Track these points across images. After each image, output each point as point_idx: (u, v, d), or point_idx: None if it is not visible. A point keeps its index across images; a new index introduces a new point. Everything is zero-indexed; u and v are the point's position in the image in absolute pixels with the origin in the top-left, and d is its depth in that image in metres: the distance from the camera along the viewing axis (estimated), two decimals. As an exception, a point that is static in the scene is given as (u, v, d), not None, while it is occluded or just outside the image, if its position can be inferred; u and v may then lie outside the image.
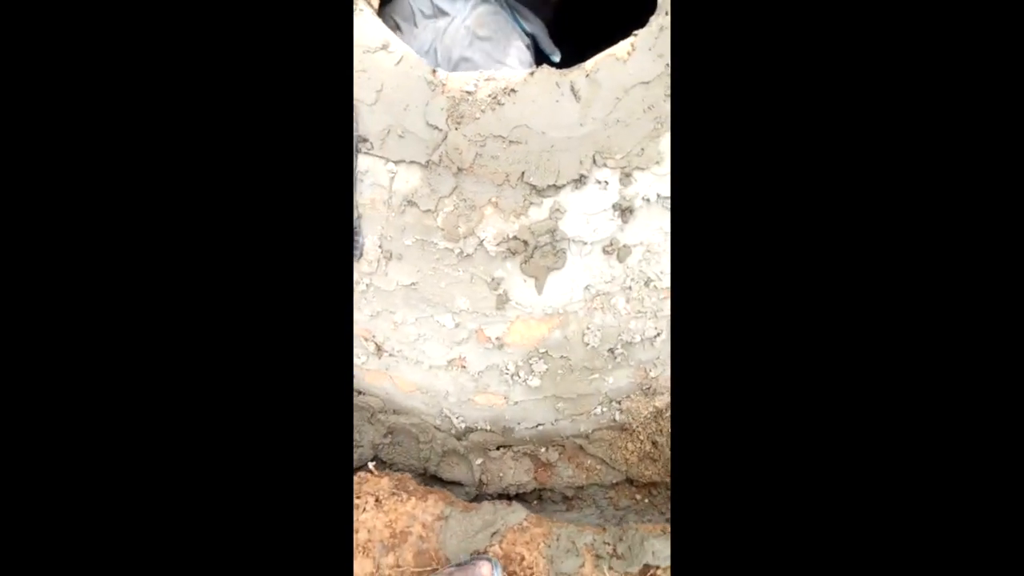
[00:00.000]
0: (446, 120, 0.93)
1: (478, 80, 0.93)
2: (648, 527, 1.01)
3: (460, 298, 1.02)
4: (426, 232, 0.99)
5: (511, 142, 0.92)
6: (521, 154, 0.93)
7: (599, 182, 0.93)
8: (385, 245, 1.02)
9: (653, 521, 1.08)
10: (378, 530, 1.01)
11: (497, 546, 0.99)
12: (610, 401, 1.10)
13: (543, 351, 1.04)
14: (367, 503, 1.04)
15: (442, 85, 0.93)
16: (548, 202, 0.94)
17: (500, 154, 0.93)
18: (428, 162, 0.95)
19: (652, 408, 1.08)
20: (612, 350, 1.04)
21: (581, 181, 0.92)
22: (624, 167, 0.92)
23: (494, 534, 1.01)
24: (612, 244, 0.96)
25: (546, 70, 0.92)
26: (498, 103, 0.92)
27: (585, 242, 0.96)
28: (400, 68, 0.95)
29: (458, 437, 1.16)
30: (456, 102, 0.93)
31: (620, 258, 0.97)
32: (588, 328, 1.02)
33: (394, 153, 0.97)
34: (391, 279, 1.03)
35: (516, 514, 1.04)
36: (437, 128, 0.94)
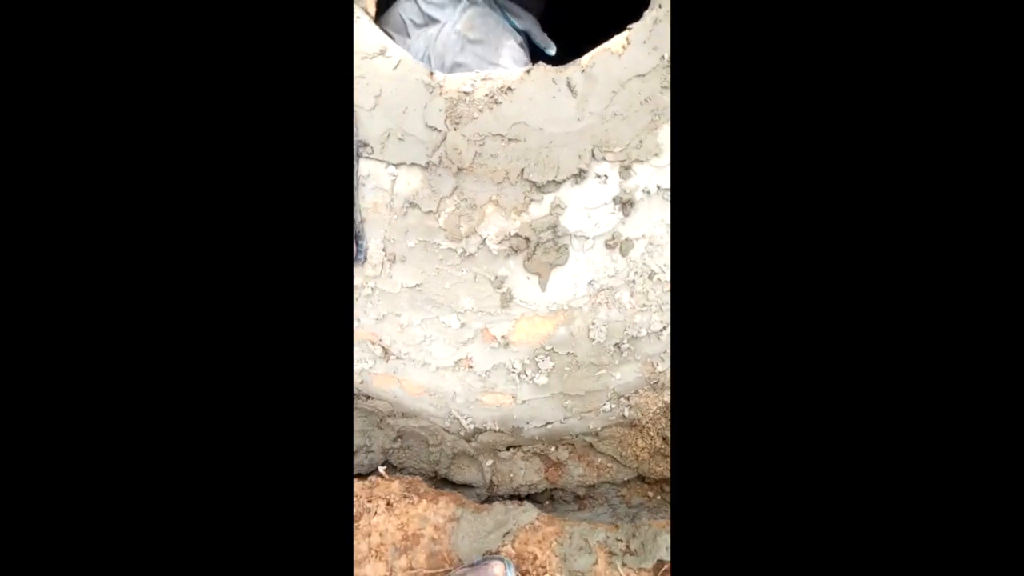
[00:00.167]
0: (445, 121, 0.94)
1: (475, 80, 0.94)
2: (661, 523, 1.00)
3: (464, 298, 1.02)
4: (428, 233, 0.99)
5: (510, 140, 0.93)
6: (520, 151, 0.93)
7: (599, 176, 0.93)
8: (388, 248, 1.02)
9: (666, 517, 1.07)
10: (390, 533, 1.00)
11: (509, 546, 0.99)
12: (618, 397, 1.09)
13: (549, 348, 1.04)
14: (378, 507, 1.04)
15: (439, 87, 0.94)
16: (548, 198, 0.94)
17: (499, 152, 0.94)
18: (428, 163, 0.96)
19: (661, 403, 1.07)
20: (618, 345, 1.03)
21: (581, 176, 0.93)
22: (623, 160, 0.92)
23: (506, 534, 1.00)
24: (614, 238, 0.96)
25: (542, 67, 0.93)
26: (495, 102, 0.93)
27: (587, 237, 0.96)
28: (398, 72, 0.96)
29: (467, 439, 1.16)
30: (454, 103, 0.94)
31: (623, 252, 0.97)
32: (593, 323, 1.02)
33: (394, 156, 0.98)
34: (395, 281, 1.04)
35: (528, 513, 1.04)
36: (436, 129, 0.94)
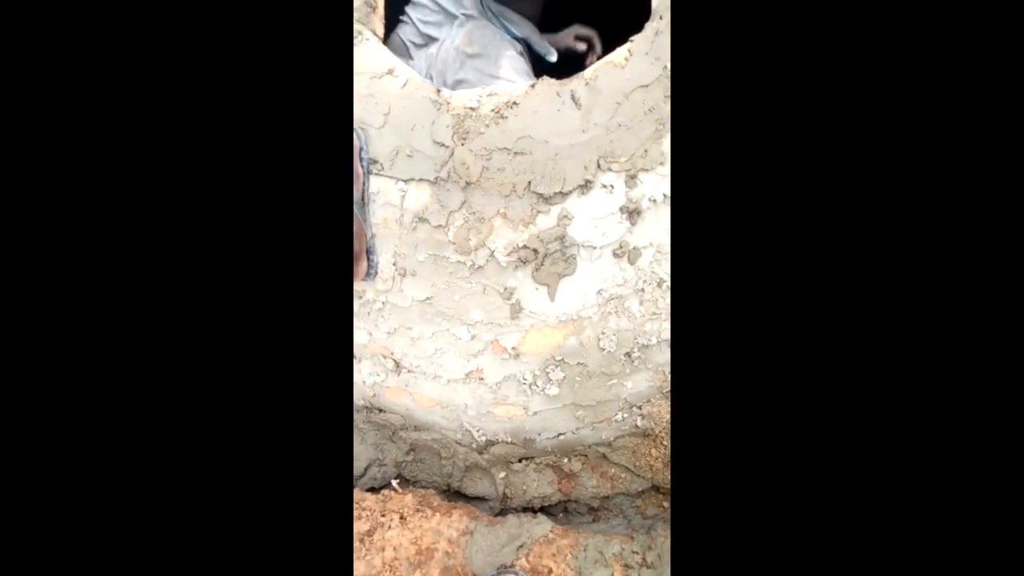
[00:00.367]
0: (452, 137, 0.96)
1: (481, 96, 0.96)
2: (678, 534, 0.99)
3: (474, 310, 1.03)
4: (438, 247, 1.01)
5: (516, 153, 0.94)
6: (526, 164, 0.94)
7: (605, 186, 0.94)
8: (399, 262, 1.04)
9: (683, 528, 1.06)
10: (404, 547, 1.00)
11: (524, 559, 0.98)
12: (630, 407, 1.08)
13: (559, 359, 1.04)
14: (392, 521, 1.04)
15: (446, 104, 0.96)
16: (555, 209, 0.95)
17: (506, 166, 0.95)
18: (437, 179, 0.98)
19: (674, 412, 1.06)
20: (629, 354, 1.03)
21: (587, 186, 0.94)
22: (629, 170, 0.93)
23: (520, 547, 1.00)
24: (622, 247, 0.97)
25: (546, 81, 0.95)
26: (501, 117, 0.94)
27: (595, 246, 0.96)
28: (406, 91, 0.98)
29: (480, 451, 1.15)
30: (461, 119, 0.95)
31: (631, 260, 0.97)
32: (603, 333, 1.02)
33: (404, 172, 0.99)
34: (406, 295, 1.05)
35: (542, 526, 1.03)
36: (444, 145, 0.96)
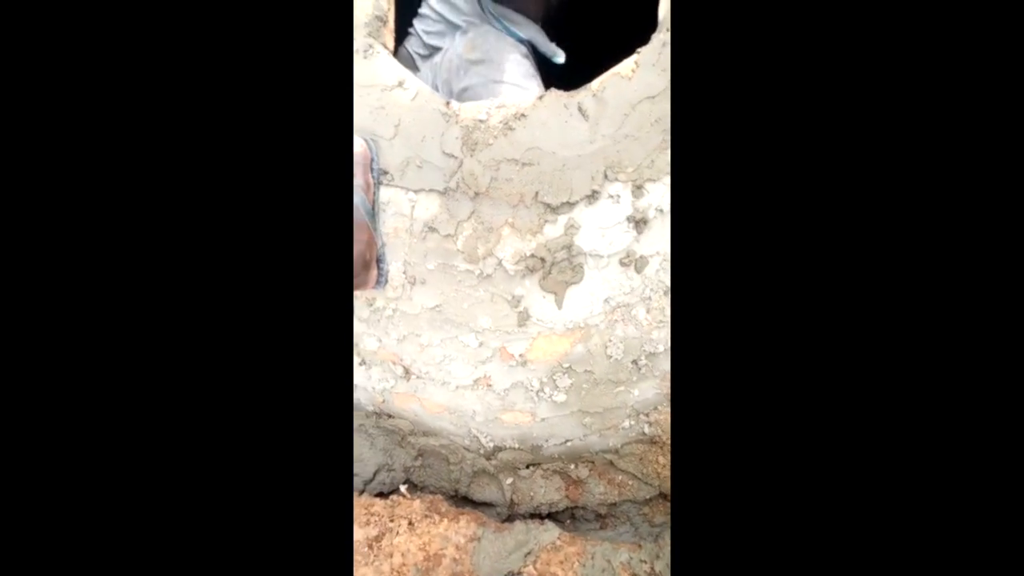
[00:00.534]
0: (461, 148, 0.98)
1: (489, 108, 0.97)
2: (685, 542, 0.99)
3: (482, 317, 1.04)
4: (447, 256, 1.02)
5: (524, 164, 0.96)
6: (534, 175, 0.96)
7: (612, 196, 0.95)
8: (409, 271, 1.05)
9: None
10: (412, 553, 1.01)
11: (531, 567, 0.99)
12: (637, 414, 1.09)
13: (567, 366, 1.05)
14: (400, 526, 1.05)
15: (456, 116, 0.98)
16: (563, 219, 0.97)
17: (514, 176, 0.97)
18: (446, 189, 0.99)
19: (681, 420, 1.07)
20: (636, 361, 1.04)
21: (594, 196, 0.95)
22: (635, 180, 0.94)
23: (527, 554, 1.00)
24: (628, 256, 0.98)
25: (554, 93, 0.96)
26: (510, 128, 0.96)
27: (601, 255, 0.98)
28: (416, 103, 1.00)
29: (487, 457, 1.16)
30: (470, 131, 0.97)
31: (638, 269, 0.98)
32: (610, 340, 1.03)
33: (414, 183, 1.01)
34: (416, 303, 1.07)
35: (549, 533, 1.03)
36: (453, 156, 0.98)
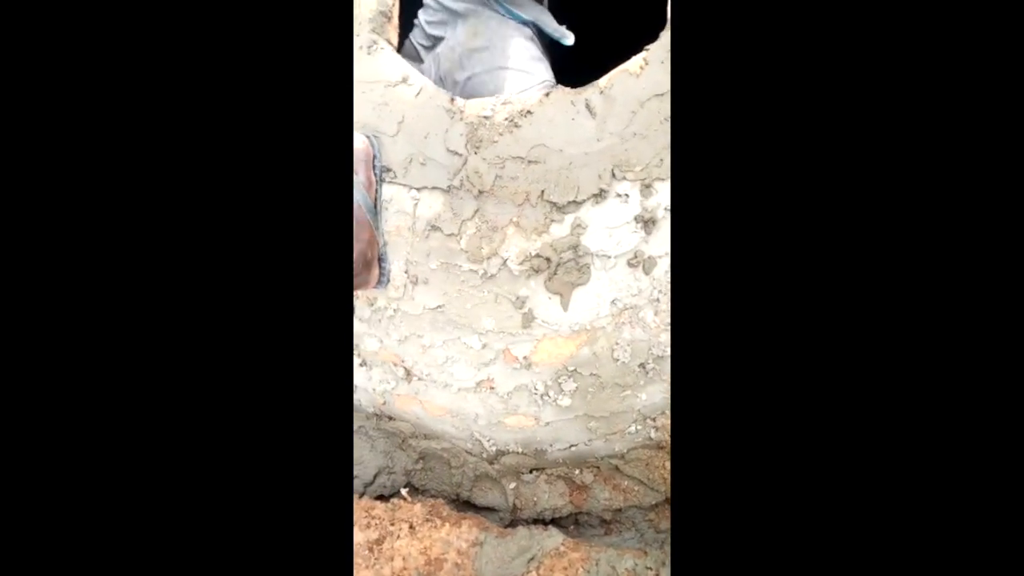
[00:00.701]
0: (465, 145, 0.96)
1: (495, 105, 0.95)
2: (691, 550, 0.97)
3: (486, 318, 1.02)
4: (450, 255, 1.00)
5: (530, 162, 0.94)
6: (540, 173, 0.94)
7: (619, 195, 0.93)
8: (411, 270, 1.04)
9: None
10: (413, 557, 0.99)
11: (534, 572, 0.97)
12: (644, 418, 1.07)
13: (572, 369, 1.03)
14: (401, 530, 1.03)
15: (460, 112, 0.96)
16: (569, 218, 0.94)
17: (519, 174, 0.94)
18: (450, 187, 0.97)
19: (688, 424, 1.05)
20: (643, 365, 1.02)
21: (601, 195, 0.93)
22: (644, 179, 0.92)
23: (531, 560, 0.98)
24: (636, 257, 0.95)
25: (560, 90, 0.94)
26: (515, 125, 0.94)
27: (609, 256, 0.95)
28: (420, 99, 0.99)
29: (490, 461, 1.14)
30: (474, 127, 0.95)
31: (646, 270, 0.96)
32: (617, 343, 1.01)
33: (417, 180, 0.99)
34: (418, 303, 1.05)
35: (553, 539, 1.02)
36: (457, 154, 0.96)
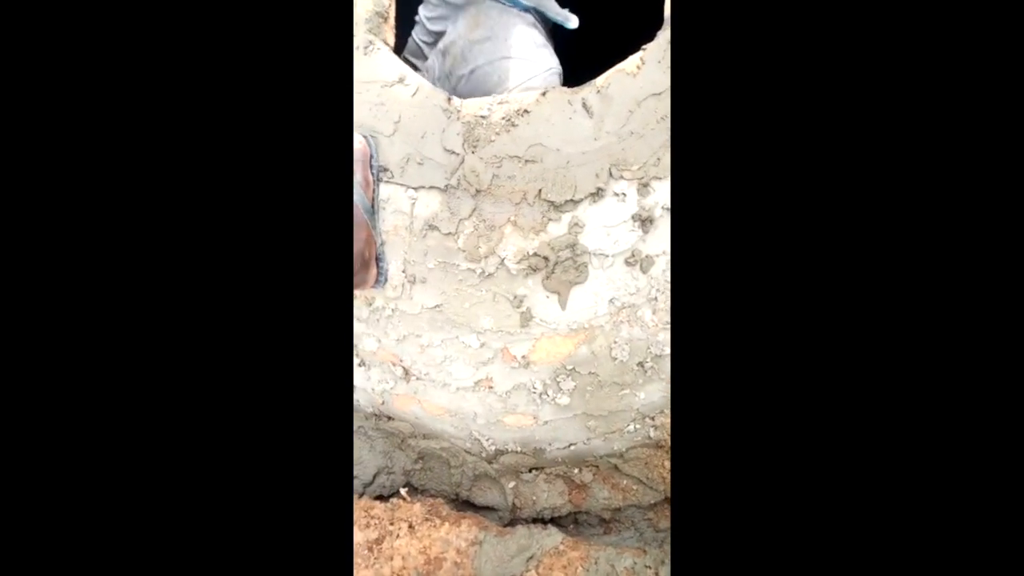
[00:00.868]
0: (462, 145, 0.96)
1: (491, 104, 0.95)
2: (690, 548, 0.97)
3: (484, 318, 1.02)
4: (448, 254, 1.00)
5: (527, 161, 0.94)
6: (537, 172, 0.94)
7: (617, 194, 0.93)
8: (409, 270, 1.04)
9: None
10: (412, 556, 0.99)
11: (533, 571, 0.97)
12: (643, 417, 1.07)
13: (570, 368, 1.03)
14: (400, 529, 1.03)
15: (457, 111, 0.96)
16: (566, 217, 0.94)
17: (516, 173, 0.94)
18: (447, 186, 0.97)
19: (687, 423, 1.05)
20: (642, 364, 1.02)
21: (598, 194, 0.93)
22: (641, 178, 0.92)
23: (530, 559, 0.98)
24: (634, 255, 0.95)
25: (558, 90, 0.94)
26: (512, 124, 0.94)
27: (606, 254, 0.95)
28: (416, 99, 0.99)
29: (489, 460, 1.14)
30: (471, 127, 0.95)
31: (643, 269, 0.96)
32: (615, 342, 1.00)
33: (414, 180, 0.99)
34: (416, 302, 1.05)
35: (552, 537, 1.02)
36: (454, 153, 0.96)
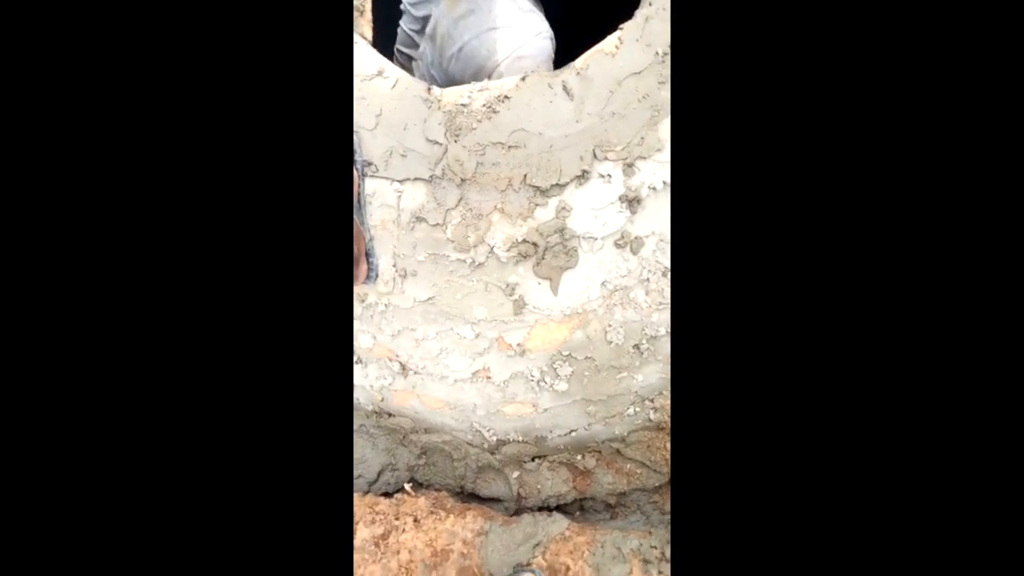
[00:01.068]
0: (445, 134, 0.95)
1: (471, 92, 0.95)
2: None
3: (477, 308, 1.02)
4: (437, 246, 1.00)
5: (510, 147, 0.93)
6: (521, 157, 0.93)
7: (602, 176, 0.92)
8: (399, 263, 1.03)
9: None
10: (419, 550, 0.99)
11: (541, 557, 0.97)
12: (642, 400, 1.06)
13: (566, 353, 1.02)
14: (406, 524, 1.03)
15: (438, 101, 0.95)
16: (553, 202, 0.94)
17: (500, 160, 0.94)
18: (432, 177, 0.97)
19: (687, 403, 1.04)
20: (637, 346, 1.01)
21: (584, 177, 0.92)
22: (625, 158, 0.91)
23: (536, 545, 0.98)
24: (623, 237, 0.95)
25: (537, 74, 0.93)
26: (493, 111, 0.93)
27: (595, 237, 0.95)
28: (396, 91, 0.98)
29: (491, 451, 1.14)
30: (452, 116, 0.95)
31: (633, 250, 0.96)
32: (610, 325, 1.00)
33: (398, 172, 0.99)
34: (408, 296, 1.04)
35: (558, 524, 1.01)
36: (437, 143, 0.95)
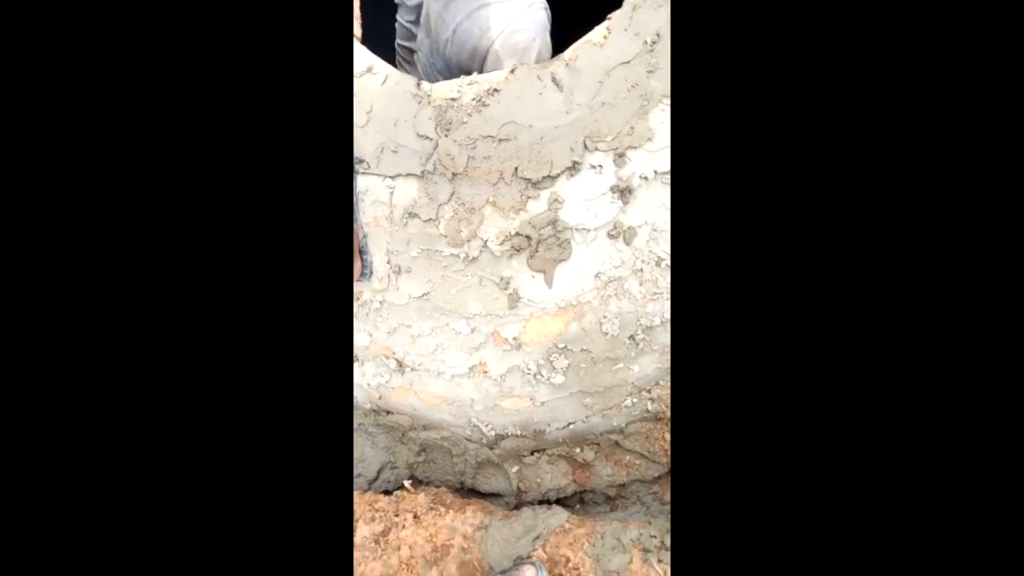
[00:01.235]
0: (435, 129, 0.95)
1: (461, 86, 0.95)
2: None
3: (472, 302, 1.02)
4: (430, 241, 1.00)
5: (501, 140, 0.93)
6: (512, 150, 0.93)
7: (593, 167, 0.92)
8: (393, 260, 1.03)
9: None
10: (419, 545, 0.99)
11: (541, 550, 0.97)
12: (639, 391, 1.06)
13: (562, 346, 1.02)
14: (406, 520, 1.03)
15: (427, 96, 0.95)
16: (545, 194, 0.94)
17: (491, 154, 0.94)
18: (423, 172, 0.97)
19: (684, 393, 1.04)
20: (633, 337, 1.01)
21: (575, 168, 0.92)
22: (616, 148, 0.91)
23: (536, 538, 0.98)
24: (616, 228, 0.95)
25: (525, 67, 0.93)
26: (483, 105, 0.93)
27: (588, 229, 0.95)
28: (386, 87, 0.98)
29: (490, 446, 1.14)
30: (442, 110, 0.94)
31: (627, 241, 0.95)
32: (605, 317, 1.00)
33: (390, 168, 0.99)
34: (403, 292, 1.04)
35: (557, 516, 1.01)
36: (427, 138, 0.95)
